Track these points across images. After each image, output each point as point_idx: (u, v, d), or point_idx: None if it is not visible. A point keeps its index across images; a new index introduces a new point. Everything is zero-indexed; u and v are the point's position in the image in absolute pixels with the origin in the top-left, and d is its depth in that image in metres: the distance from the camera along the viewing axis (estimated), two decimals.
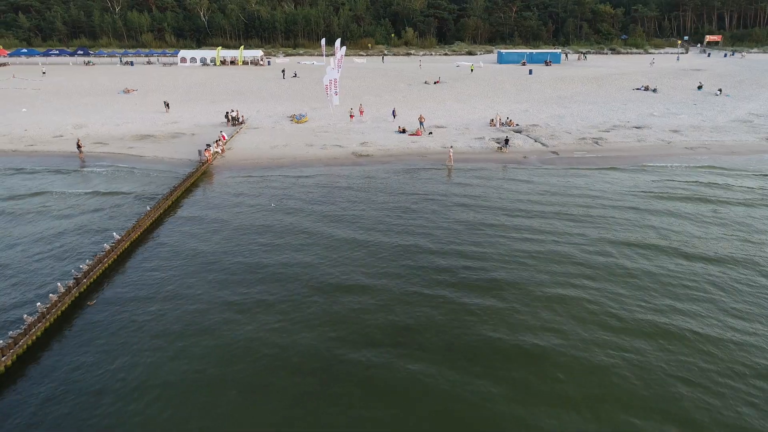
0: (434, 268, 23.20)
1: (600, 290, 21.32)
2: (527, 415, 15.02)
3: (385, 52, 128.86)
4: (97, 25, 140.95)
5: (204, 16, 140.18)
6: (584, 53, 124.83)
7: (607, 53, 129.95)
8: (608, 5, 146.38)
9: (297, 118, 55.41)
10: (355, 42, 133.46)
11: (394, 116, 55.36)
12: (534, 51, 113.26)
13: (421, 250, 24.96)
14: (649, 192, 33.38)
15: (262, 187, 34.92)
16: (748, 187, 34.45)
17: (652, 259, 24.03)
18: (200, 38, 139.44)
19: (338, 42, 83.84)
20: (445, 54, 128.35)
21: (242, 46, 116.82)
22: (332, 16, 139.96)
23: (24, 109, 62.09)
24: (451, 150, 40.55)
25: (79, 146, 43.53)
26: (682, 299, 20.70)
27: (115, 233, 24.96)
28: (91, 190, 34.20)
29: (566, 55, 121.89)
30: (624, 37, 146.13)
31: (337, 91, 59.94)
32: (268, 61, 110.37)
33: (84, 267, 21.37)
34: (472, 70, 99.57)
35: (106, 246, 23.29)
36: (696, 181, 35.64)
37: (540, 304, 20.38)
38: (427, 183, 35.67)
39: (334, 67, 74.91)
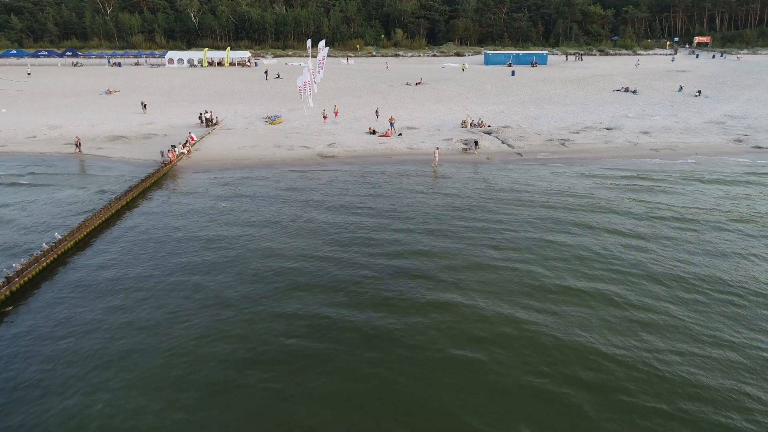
0: (361, 252, 23.49)
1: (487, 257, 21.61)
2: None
3: (374, 53, 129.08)
4: (89, 26, 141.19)
5: (195, 18, 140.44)
6: (580, 54, 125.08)
7: (595, 54, 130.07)
8: (598, 6, 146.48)
9: (272, 119, 55.63)
10: (344, 43, 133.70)
11: (377, 116, 55.67)
12: (520, 52, 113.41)
13: (347, 244, 25.28)
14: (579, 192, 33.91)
15: (220, 188, 35.18)
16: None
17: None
18: (191, 39, 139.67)
19: (322, 43, 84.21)
20: (434, 55, 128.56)
21: (229, 48, 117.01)
22: (323, 17, 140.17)
23: (3, 110, 62.37)
24: (437, 152, 40.86)
25: (77, 145, 44.40)
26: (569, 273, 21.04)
27: (57, 233, 25.15)
28: (47, 192, 34.50)
29: (566, 57, 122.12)
30: (615, 38, 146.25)
31: (312, 93, 60.27)
32: (255, 63, 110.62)
33: (17, 266, 21.54)
34: (463, 69, 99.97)
35: (45, 246, 23.47)
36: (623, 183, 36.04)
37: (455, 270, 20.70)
38: (377, 184, 36.02)
39: (316, 69, 75.27)
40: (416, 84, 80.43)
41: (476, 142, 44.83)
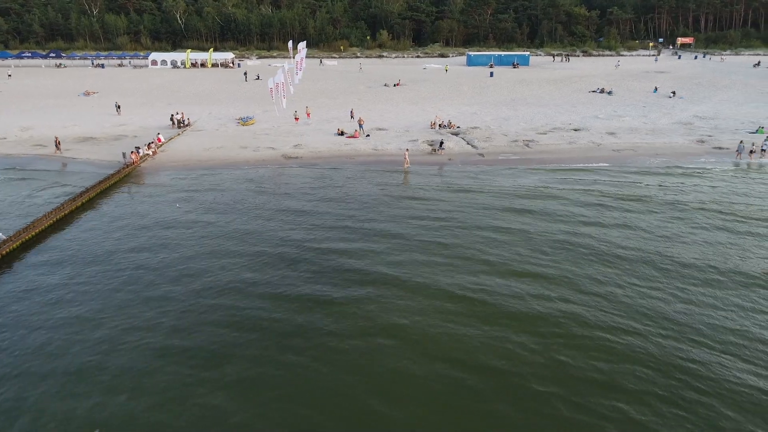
0: (299, 258, 23.93)
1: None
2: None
3: (358, 54, 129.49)
4: (74, 27, 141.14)
5: (180, 19, 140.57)
6: (567, 55, 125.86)
7: (579, 55, 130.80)
8: (583, 8, 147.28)
9: (243, 121, 55.95)
10: (330, 44, 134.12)
11: (352, 117, 56.08)
12: (502, 53, 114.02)
13: (293, 243, 25.74)
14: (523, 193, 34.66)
15: (177, 189, 35.55)
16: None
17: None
18: (176, 41, 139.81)
19: (302, 44, 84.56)
20: (418, 56, 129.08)
21: (212, 49, 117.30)
22: (308, 18, 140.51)
23: None
24: (406, 152, 41.30)
25: (56, 144, 45.19)
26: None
27: (1, 233, 25.44)
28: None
29: (553, 58, 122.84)
30: (600, 39, 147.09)
31: (285, 94, 60.68)
32: (239, 64, 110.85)
33: None
34: (446, 70, 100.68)
35: None
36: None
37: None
38: (331, 185, 36.48)
39: (294, 70, 75.67)
40: (394, 85, 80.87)
41: (441, 143, 45.28)
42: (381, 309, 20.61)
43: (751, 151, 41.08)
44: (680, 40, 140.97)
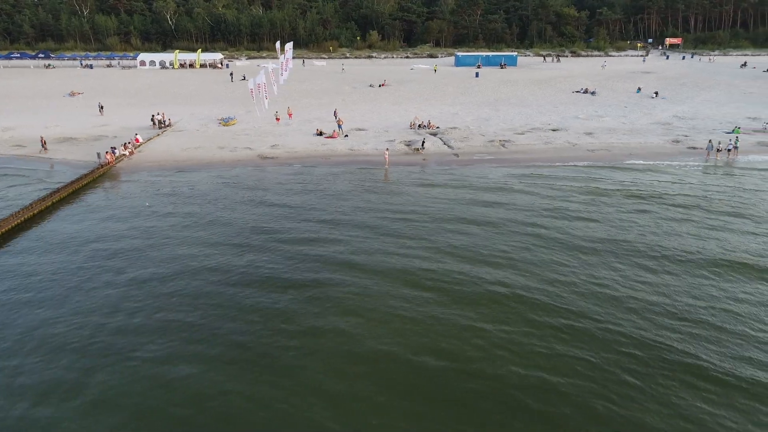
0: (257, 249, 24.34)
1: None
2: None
3: (347, 55, 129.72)
4: (64, 28, 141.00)
5: (171, 20, 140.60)
6: (558, 55, 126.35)
7: (567, 56, 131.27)
8: (573, 8, 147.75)
9: (225, 121, 56.17)
10: (319, 45, 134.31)
11: (336, 117, 56.22)
12: (490, 54, 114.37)
13: (252, 235, 26.49)
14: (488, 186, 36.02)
15: (149, 189, 35.87)
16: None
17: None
18: (166, 41, 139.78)
19: (289, 45, 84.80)
20: (407, 57, 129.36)
21: (200, 50, 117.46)
22: (298, 19, 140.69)
23: None
24: (386, 152, 41.74)
25: (42, 144, 45.78)
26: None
27: None
28: None
29: (544, 58, 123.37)
30: (590, 39, 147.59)
31: (267, 95, 60.90)
32: (227, 65, 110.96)
33: None
34: (435, 70, 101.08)
35: None
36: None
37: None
38: (301, 183, 37.01)
39: (280, 70, 75.85)
40: (380, 86, 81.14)
41: (423, 142, 45.73)
42: (338, 294, 21.70)
43: (718, 150, 41.73)
44: (668, 41, 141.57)
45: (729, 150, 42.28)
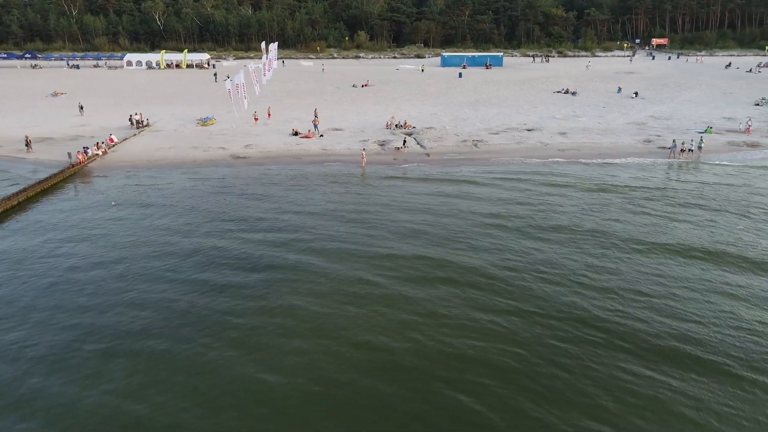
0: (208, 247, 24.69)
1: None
2: None
3: (335, 55, 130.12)
4: (53, 28, 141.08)
5: (160, 20, 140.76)
6: (547, 56, 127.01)
7: (554, 56, 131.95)
8: (561, 9, 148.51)
9: (203, 121, 56.41)
10: (307, 45, 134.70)
11: (316, 116, 56.41)
12: (475, 54, 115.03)
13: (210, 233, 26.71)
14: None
15: (118, 188, 36.18)
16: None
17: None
18: (155, 42, 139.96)
19: (273, 45, 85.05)
20: (394, 57, 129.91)
21: (186, 50, 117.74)
22: (287, 19, 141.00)
23: None
24: (363, 152, 42.16)
25: (27, 144, 45.85)
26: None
27: None
28: None
29: (533, 58, 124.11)
30: (578, 40, 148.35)
31: (246, 95, 61.22)
32: (213, 65, 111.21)
33: None
34: (422, 70, 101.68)
35: None
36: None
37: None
38: (268, 183, 37.44)
39: (263, 71, 76.14)
40: (363, 86, 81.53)
41: (405, 141, 46.34)
42: (280, 292, 22.10)
43: (682, 150, 42.36)
44: (655, 41, 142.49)
45: (691, 150, 42.96)
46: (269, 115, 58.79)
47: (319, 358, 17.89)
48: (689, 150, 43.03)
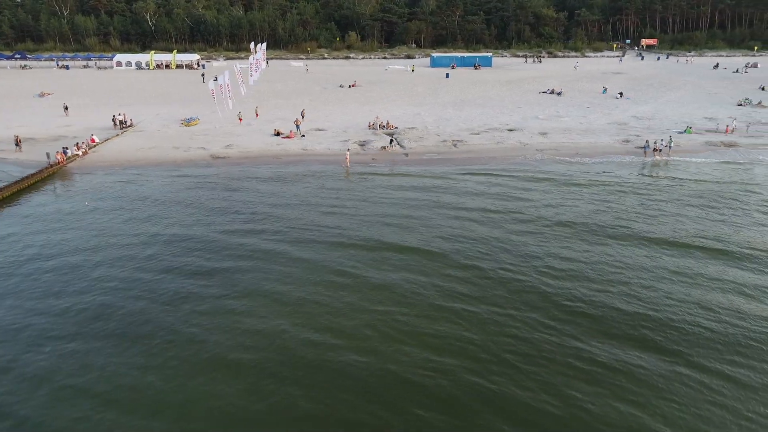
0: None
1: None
2: None
3: (326, 55, 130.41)
4: (44, 28, 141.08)
5: (151, 20, 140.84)
6: (538, 56, 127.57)
7: (544, 56, 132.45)
8: (551, 9, 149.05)
9: (187, 121, 56.64)
10: (298, 45, 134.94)
11: (303, 117, 56.70)
12: (465, 55, 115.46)
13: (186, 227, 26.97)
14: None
15: (95, 187, 36.52)
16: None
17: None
18: (146, 42, 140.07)
19: (261, 45, 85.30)
20: (384, 57, 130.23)
21: (175, 50, 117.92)
22: (278, 19, 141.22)
23: None
24: (348, 152, 42.56)
25: (17, 143, 46.12)
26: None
27: None
28: None
29: (525, 59, 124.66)
30: (569, 40, 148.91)
31: (231, 95, 61.47)
32: (203, 65, 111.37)
33: None
34: (413, 71, 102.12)
35: None
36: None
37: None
38: (244, 182, 37.90)
39: (249, 71, 76.34)
40: (350, 86, 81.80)
41: (392, 140, 46.89)
42: (256, 279, 23.13)
43: (655, 150, 42.98)
44: (644, 42, 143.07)
45: (661, 149, 43.75)
46: (257, 114, 59.00)
47: (286, 338, 19.11)
48: (660, 150, 43.64)
